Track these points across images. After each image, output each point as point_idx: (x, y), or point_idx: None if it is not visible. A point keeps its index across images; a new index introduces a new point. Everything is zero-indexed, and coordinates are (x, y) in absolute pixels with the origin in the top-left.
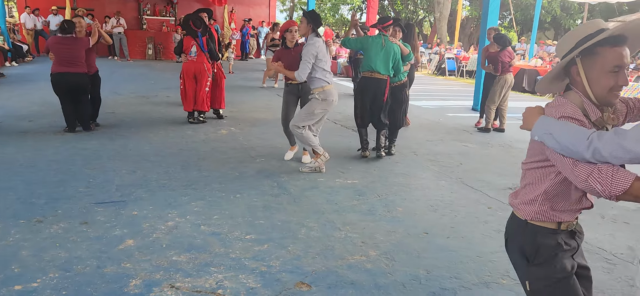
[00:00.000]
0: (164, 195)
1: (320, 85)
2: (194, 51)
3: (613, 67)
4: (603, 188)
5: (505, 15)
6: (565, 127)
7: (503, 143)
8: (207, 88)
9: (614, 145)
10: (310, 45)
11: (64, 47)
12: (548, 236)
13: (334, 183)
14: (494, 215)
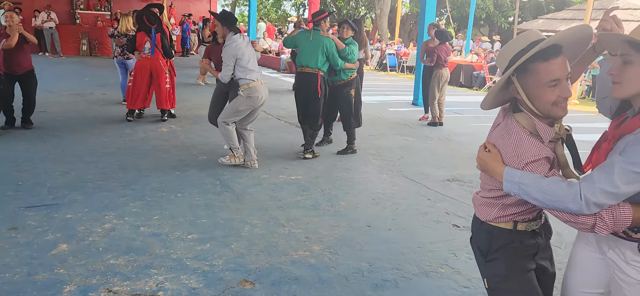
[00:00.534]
0: (100, 197)
1: (245, 83)
2: (148, 48)
3: (549, 81)
4: (608, 232)
5: (443, 12)
6: (546, 189)
7: (442, 136)
8: (168, 86)
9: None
10: (228, 47)
11: None
12: (504, 236)
13: (278, 179)
14: (433, 207)
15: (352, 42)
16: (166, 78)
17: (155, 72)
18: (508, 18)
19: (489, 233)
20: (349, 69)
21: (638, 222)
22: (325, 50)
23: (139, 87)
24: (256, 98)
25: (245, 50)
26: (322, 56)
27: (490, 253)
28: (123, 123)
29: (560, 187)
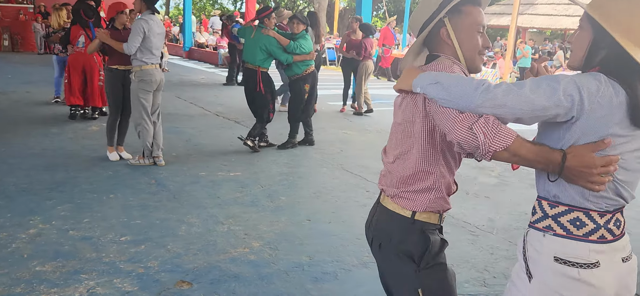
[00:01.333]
0: (24, 200)
1: (137, 65)
2: (82, 42)
3: (479, 26)
4: (485, 140)
5: (379, 6)
6: (455, 77)
7: (380, 129)
8: (101, 83)
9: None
10: (141, 20)
11: None
12: (434, 232)
13: (216, 176)
14: (372, 198)
15: (303, 36)
16: (100, 75)
17: (88, 67)
18: None
19: (421, 232)
20: (301, 62)
21: (517, 151)
22: (265, 47)
23: (74, 82)
24: (149, 82)
25: (156, 32)
26: (262, 53)
27: (427, 257)
28: (49, 123)
29: (469, 78)
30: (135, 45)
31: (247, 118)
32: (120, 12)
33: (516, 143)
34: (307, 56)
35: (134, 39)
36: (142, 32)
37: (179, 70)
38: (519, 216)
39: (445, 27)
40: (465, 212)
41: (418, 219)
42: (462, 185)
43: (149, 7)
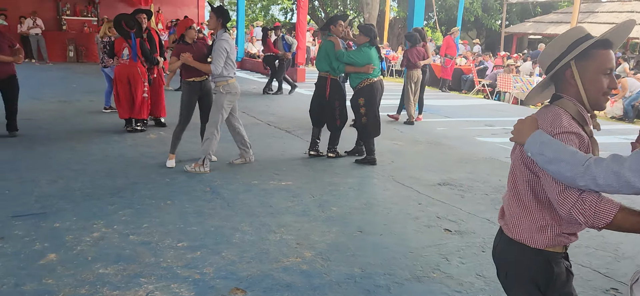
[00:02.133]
0: (88, 205)
1: (225, 79)
2: (126, 54)
3: (607, 68)
4: (585, 221)
5: (430, 15)
6: (561, 149)
7: (432, 140)
8: (145, 95)
9: (610, 175)
10: (222, 40)
11: None
12: (560, 261)
13: (268, 185)
14: (424, 211)
15: (359, 49)
16: (144, 87)
17: (132, 79)
18: (496, 20)
19: (547, 263)
20: (355, 74)
21: (621, 225)
22: (326, 53)
23: (122, 95)
24: (234, 94)
25: (233, 48)
26: (325, 59)
27: (553, 286)
28: (110, 131)
29: (572, 149)
30: (221, 66)
31: (297, 128)
32: (188, 28)
33: (618, 218)
34: (361, 68)
35: (219, 60)
36: (225, 52)
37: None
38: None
39: (570, 69)
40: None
41: (541, 249)
42: None
43: (223, 25)
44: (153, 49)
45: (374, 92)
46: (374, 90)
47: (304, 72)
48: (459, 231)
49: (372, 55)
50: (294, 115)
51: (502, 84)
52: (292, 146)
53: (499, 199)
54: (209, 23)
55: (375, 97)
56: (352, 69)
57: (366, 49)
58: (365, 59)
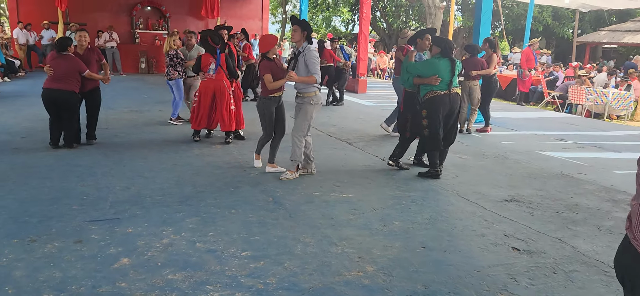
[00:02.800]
0: (158, 212)
1: (314, 90)
2: (213, 68)
3: None
4: None
5: (497, 25)
6: None
7: (498, 154)
8: (233, 107)
9: None
10: (313, 51)
11: (58, 62)
12: None
13: (330, 197)
14: (490, 228)
15: (427, 60)
16: (231, 100)
17: (218, 93)
18: (568, 29)
19: None
20: (422, 85)
21: None
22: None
23: (203, 108)
24: (321, 105)
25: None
26: (403, 71)
27: None
28: (179, 140)
29: None
30: (320, 75)
31: (358, 139)
32: (276, 45)
33: None
34: (426, 80)
35: (318, 69)
36: (318, 61)
37: (292, 90)
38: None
39: None
40: (597, 249)
41: None
42: (594, 219)
43: (307, 37)
44: (233, 63)
45: (438, 105)
46: (439, 103)
47: (366, 83)
48: (528, 251)
49: (441, 66)
50: (354, 127)
51: (574, 96)
52: (353, 158)
53: (571, 218)
54: (294, 36)
55: (439, 110)
56: (419, 80)
57: (435, 60)
58: (430, 70)
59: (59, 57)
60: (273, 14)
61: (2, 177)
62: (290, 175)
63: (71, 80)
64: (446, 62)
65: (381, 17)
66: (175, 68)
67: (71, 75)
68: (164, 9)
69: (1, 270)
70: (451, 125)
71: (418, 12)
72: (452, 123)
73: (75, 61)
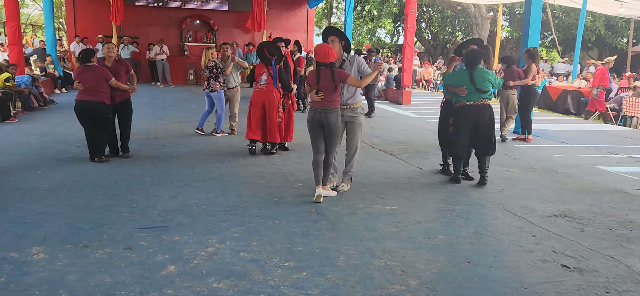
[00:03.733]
0: (204, 221)
1: (360, 100)
2: (264, 79)
3: None
4: None
5: (546, 35)
6: None
7: (546, 167)
8: (279, 120)
9: None
10: (359, 59)
11: (85, 75)
12: None
13: (373, 209)
14: (539, 244)
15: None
16: (278, 112)
17: (268, 104)
18: (623, 38)
19: None
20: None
21: None
22: None
23: (253, 118)
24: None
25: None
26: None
27: None
28: (225, 150)
29: None
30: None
31: (402, 151)
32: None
33: None
34: (455, 89)
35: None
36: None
37: None
38: None
39: None
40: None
41: None
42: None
43: (345, 48)
44: (288, 76)
45: (463, 115)
46: (465, 113)
47: (410, 95)
48: (578, 269)
49: (465, 77)
50: (398, 138)
51: (629, 108)
52: (396, 170)
53: (625, 235)
54: (334, 47)
55: (464, 121)
56: (451, 89)
57: (461, 72)
58: (457, 80)
59: (85, 69)
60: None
61: (59, 185)
62: (346, 186)
63: (101, 91)
64: (466, 73)
65: (426, 28)
66: (216, 79)
67: (100, 85)
68: (212, 22)
69: (56, 274)
70: (482, 135)
71: (464, 23)
72: (483, 133)
73: (101, 70)
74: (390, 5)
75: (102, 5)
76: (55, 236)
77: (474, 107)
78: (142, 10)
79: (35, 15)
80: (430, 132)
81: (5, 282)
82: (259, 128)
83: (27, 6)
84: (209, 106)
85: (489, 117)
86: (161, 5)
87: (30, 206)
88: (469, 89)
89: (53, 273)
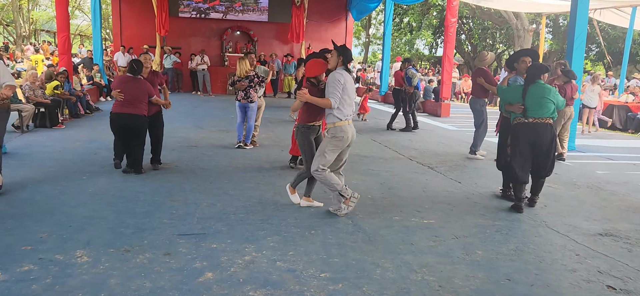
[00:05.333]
0: (241, 229)
1: (332, 121)
2: None
3: None
4: None
5: (591, 48)
6: None
7: (591, 184)
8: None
9: None
10: (336, 73)
11: (128, 86)
12: None
13: (410, 222)
14: (583, 263)
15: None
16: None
17: None
18: None
19: None
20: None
21: None
22: None
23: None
24: (341, 138)
25: (350, 87)
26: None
27: None
28: (262, 159)
29: None
30: (337, 99)
31: (440, 164)
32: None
33: None
34: (512, 107)
35: (334, 94)
36: (339, 85)
37: (375, 113)
38: None
39: None
40: None
41: None
42: None
43: (343, 63)
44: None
45: (521, 134)
46: (522, 132)
47: (449, 107)
48: (625, 290)
49: (527, 92)
50: (436, 150)
51: None
52: (434, 183)
53: None
54: (330, 61)
55: (522, 141)
56: (508, 107)
57: (517, 87)
58: (512, 96)
59: (129, 80)
60: (356, 37)
61: (102, 190)
62: (345, 207)
63: (141, 103)
64: (534, 87)
65: (466, 40)
66: (255, 89)
67: (141, 98)
68: (252, 33)
69: (98, 277)
70: (540, 157)
71: (505, 35)
72: (541, 155)
73: (147, 85)
74: (430, 17)
75: (147, 16)
76: (99, 240)
77: (533, 125)
78: (185, 22)
79: (83, 25)
80: (468, 145)
81: (50, 283)
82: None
83: (76, 17)
84: (242, 117)
85: (549, 137)
86: (203, 17)
87: (76, 210)
88: (527, 105)
89: (96, 276)
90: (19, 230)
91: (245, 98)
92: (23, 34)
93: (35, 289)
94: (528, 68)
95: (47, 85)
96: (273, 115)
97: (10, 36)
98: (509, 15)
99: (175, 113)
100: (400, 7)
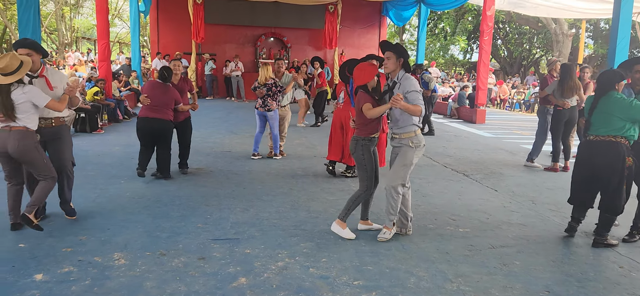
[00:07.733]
0: (274, 235)
1: (413, 130)
2: (342, 98)
3: None
4: None
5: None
6: None
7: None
8: None
9: None
10: (411, 78)
11: (156, 91)
12: None
13: (445, 230)
14: (627, 276)
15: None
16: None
17: (345, 123)
18: None
19: None
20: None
21: None
22: None
23: (333, 138)
24: (423, 148)
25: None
26: None
27: None
28: (294, 166)
29: None
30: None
31: (475, 171)
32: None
33: None
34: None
35: (419, 101)
36: (420, 91)
37: None
38: None
39: None
40: None
41: None
42: None
43: (403, 66)
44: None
45: (580, 152)
46: (582, 150)
47: (485, 113)
48: None
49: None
50: (472, 157)
51: None
52: (469, 190)
53: None
54: (387, 65)
55: (579, 158)
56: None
57: (589, 97)
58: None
59: (157, 86)
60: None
61: (139, 194)
62: (388, 233)
63: (167, 109)
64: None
65: (502, 45)
66: (273, 98)
67: (168, 104)
68: (286, 40)
69: (135, 279)
70: (602, 182)
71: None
72: (603, 180)
73: (174, 93)
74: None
75: (183, 24)
76: (135, 243)
77: (595, 143)
78: (220, 28)
79: (122, 33)
80: (504, 152)
81: (89, 285)
82: (339, 148)
83: (115, 25)
84: (261, 127)
85: (614, 159)
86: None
87: (113, 213)
88: (592, 120)
89: (132, 278)
90: (59, 232)
91: (263, 106)
92: (65, 42)
93: (74, 290)
94: (598, 78)
95: (87, 91)
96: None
97: (54, 44)
98: (547, 19)
99: (209, 119)
100: (435, 13)
